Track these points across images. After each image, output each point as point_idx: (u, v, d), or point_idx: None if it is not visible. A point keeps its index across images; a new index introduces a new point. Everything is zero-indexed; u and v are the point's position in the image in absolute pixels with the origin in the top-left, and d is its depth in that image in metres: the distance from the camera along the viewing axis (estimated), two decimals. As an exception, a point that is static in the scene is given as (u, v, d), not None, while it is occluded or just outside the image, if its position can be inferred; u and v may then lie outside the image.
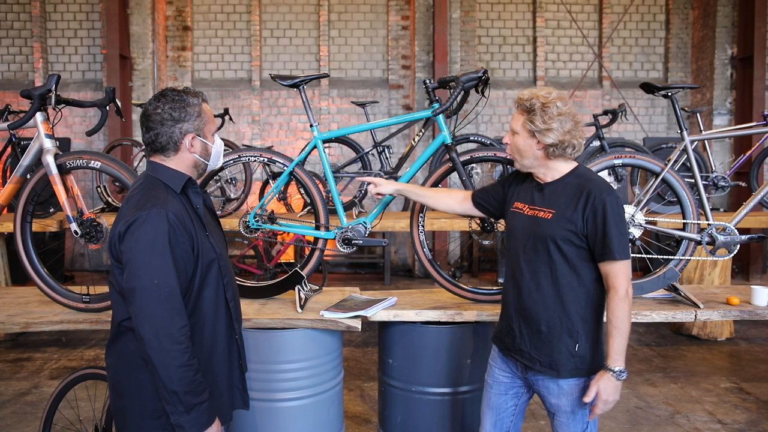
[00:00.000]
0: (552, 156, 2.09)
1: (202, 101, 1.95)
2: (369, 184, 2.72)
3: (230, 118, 6.69)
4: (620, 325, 1.99)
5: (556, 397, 2.11)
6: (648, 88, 3.29)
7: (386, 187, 2.70)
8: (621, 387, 2.02)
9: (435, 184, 2.97)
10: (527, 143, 2.10)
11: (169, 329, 1.73)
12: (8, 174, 5.75)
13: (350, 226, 3.01)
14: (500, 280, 7.93)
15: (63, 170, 2.77)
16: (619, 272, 2.01)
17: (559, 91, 2.10)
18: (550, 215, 2.08)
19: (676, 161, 3.15)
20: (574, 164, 2.14)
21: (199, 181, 2.08)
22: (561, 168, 2.12)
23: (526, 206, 2.18)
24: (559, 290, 2.06)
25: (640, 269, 7.16)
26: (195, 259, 1.86)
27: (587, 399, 2.02)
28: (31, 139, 2.84)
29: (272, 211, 3.13)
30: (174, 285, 1.76)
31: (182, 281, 1.81)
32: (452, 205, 2.57)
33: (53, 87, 2.72)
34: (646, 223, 3.09)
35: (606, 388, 1.99)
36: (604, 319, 2.10)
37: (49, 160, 2.74)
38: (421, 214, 2.98)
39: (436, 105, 2.88)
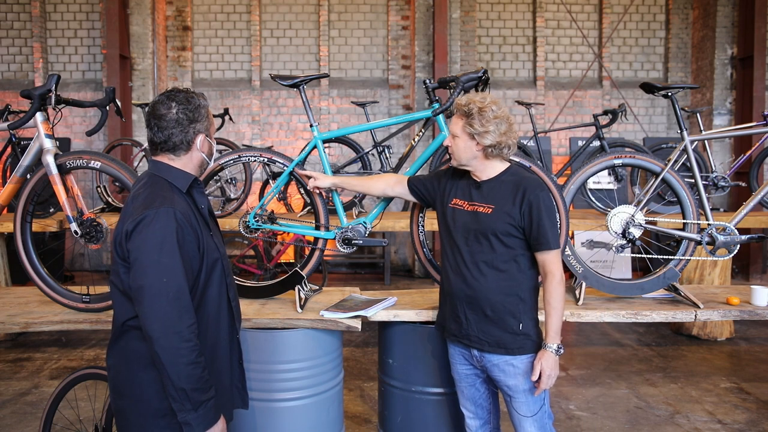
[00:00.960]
0: (490, 156, 2.29)
1: (207, 103, 2.01)
2: (310, 178, 2.85)
3: (230, 118, 6.69)
4: (558, 306, 2.24)
5: (514, 377, 2.29)
6: (648, 88, 3.29)
7: (323, 180, 2.84)
8: (559, 361, 2.26)
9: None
10: (467, 145, 2.29)
11: (177, 327, 1.73)
12: (8, 174, 5.76)
13: (350, 226, 3.01)
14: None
15: (63, 170, 2.77)
16: (554, 260, 2.25)
17: (493, 96, 2.30)
18: (490, 210, 2.28)
19: (676, 161, 3.15)
20: (507, 164, 2.35)
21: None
22: (497, 167, 2.33)
23: (466, 203, 2.37)
24: (501, 277, 2.27)
25: (640, 269, 7.19)
26: (200, 257, 1.87)
27: (534, 377, 2.23)
28: (31, 139, 2.84)
29: (272, 211, 3.13)
30: (182, 283, 1.77)
31: (188, 279, 1.81)
32: (384, 188, 2.73)
33: (53, 87, 2.72)
34: (646, 223, 3.09)
35: (548, 364, 2.21)
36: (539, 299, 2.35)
37: (49, 160, 2.74)
38: (421, 214, 2.98)
39: (436, 105, 2.88)
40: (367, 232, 3.02)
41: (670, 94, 3.26)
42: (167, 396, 1.77)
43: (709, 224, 3.11)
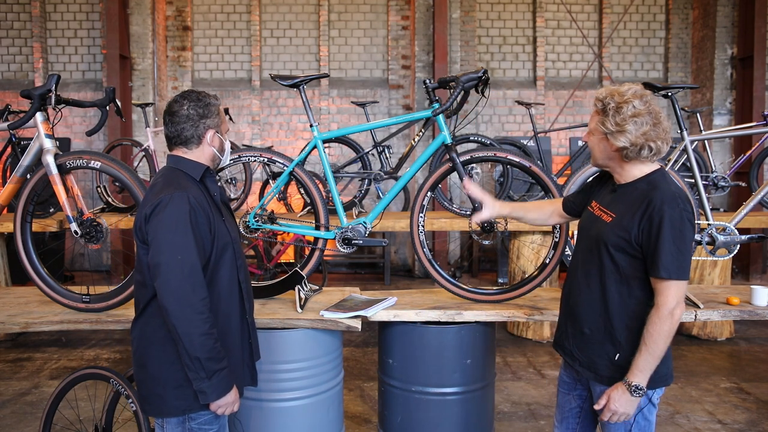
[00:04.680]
0: (626, 158, 1.99)
1: (218, 103, 2.16)
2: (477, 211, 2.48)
3: (230, 118, 6.69)
4: (650, 343, 1.89)
5: (598, 403, 2.06)
6: (648, 88, 3.28)
7: (491, 209, 2.48)
8: (636, 404, 1.95)
9: (435, 184, 2.98)
10: (601, 145, 2.03)
11: (191, 300, 1.88)
12: (8, 174, 5.76)
13: (350, 226, 3.01)
14: (500, 280, 7.93)
15: (63, 170, 2.77)
16: (665, 290, 1.89)
17: (641, 89, 1.99)
18: (610, 219, 2.02)
19: (676, 161, 3.15)
20: (652, 168, 2.02)
21: None
22: (635, 171, 2.02)
23: (597, 206, 2.13)
24: (606, 296, 2.01)
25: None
26: (212, 239, 2.02)
27: (597, 406, 2.00)
28: (31, 139, 2.84)
29: (272, 211, 3.13)
30: (195, 260, 1.91)
31: (201, 258, 1.96)
32: (546, 219, 2.47)
33: (53, 87, 2.72)
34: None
35: (616, 398, 1.94)
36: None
37: (49, 160, 2.74)
38: (421, 214, 2.98)
39: (436, 105, 2.88)
40: (367, 232, 3.02)
41: (670, 94, 3.26)
42: (183, 366, 1.92)
43: (709, 224, 3.11)
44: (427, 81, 2.96)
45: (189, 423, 2.00)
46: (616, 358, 2.00)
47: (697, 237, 3.07)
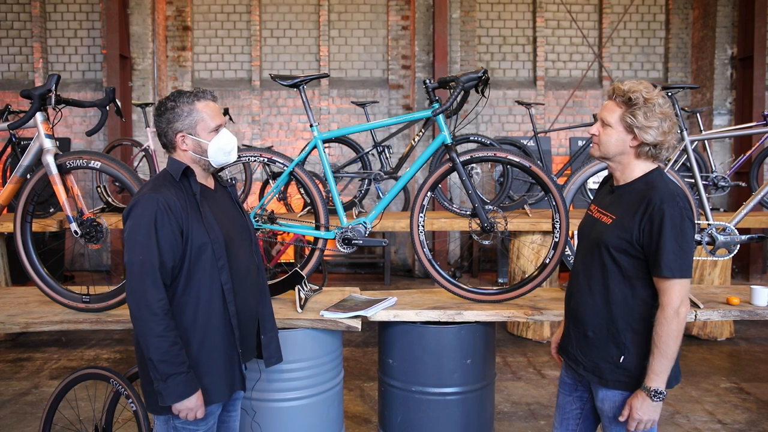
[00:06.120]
0: (640, 155, 1.98)
1: (196, 100, 2.07)
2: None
3: (230, 118, 6.69)
4: (661, 345, 1.88)
5: (601, 402, 2.07)
6: (648, 88, 3.29)
7: None
8: (660, 408, 1.93)
9: (435, 184, 2.98)
10: (621, 138, 1.97)
11: (147, 300, 1.90)
12: (8, 174, 5.76)
13: (350, 226, 3.01)
14: (500, 280, 7.93)
15: (63, 170, 2.77)
16: (669, 289, 1.89)
17: (658, 89, 1.98)
18: (610, 221, 2.01)
19: (676, 161, 3.16)
20: (649, 168, 2.01)
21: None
22: (637, 170, 2.01)
23: (596, 208, 2.13)
24: (609, 299, 2.00)
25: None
26: (183, 241, 1.99)
27: (621, 418, 1.97)
28: (31, 139, 2.85)
29: (272, 211, 3.14)
30: (154, 261, 1.92)
31: (167, 259, 1.96)
32: None
33: (53, 87, 2.73)
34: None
35: (638, 406, 1.91)
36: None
37: (49, 160, 2.74)
38: (421, 214, 2.98)
39: (436, 105, 2.89)
40: (367, 232, 3.03)
41: (670, 94, 3.26)
42: None
43: (709, 224, 3.12)
44: (427, 81, 2.96)
45: (173, 421, 2.03)
46: (620, 361, 1.99)
47: (697, 237, 3.07)
